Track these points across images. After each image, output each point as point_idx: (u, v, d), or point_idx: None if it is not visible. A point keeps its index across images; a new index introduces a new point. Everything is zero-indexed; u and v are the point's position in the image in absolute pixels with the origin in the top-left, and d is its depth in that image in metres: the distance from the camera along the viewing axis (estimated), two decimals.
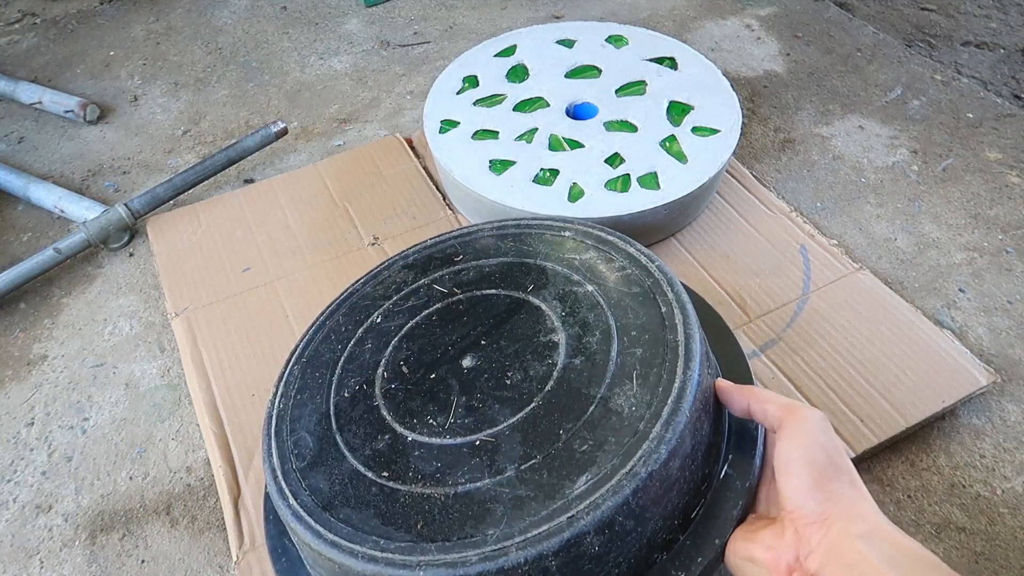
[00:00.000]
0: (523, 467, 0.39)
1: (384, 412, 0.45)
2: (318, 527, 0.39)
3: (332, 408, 0.45)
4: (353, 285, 0.53)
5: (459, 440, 0.42)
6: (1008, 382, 0.59)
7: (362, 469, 0.42)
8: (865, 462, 0.53)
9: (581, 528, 0.35)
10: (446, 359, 0.47)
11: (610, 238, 0.52)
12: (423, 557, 0.36)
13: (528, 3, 1.04)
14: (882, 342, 0.59)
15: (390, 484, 0.41)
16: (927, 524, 0.51)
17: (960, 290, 0.65)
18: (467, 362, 0.46)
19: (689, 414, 0.40)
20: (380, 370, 0.47)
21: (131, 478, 0.56)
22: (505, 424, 0.42)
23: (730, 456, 0.46)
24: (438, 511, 0.39)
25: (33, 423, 0.60)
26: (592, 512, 0.36)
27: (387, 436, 0.43)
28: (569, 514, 0.36)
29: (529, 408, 0.42)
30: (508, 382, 0.44)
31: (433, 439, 0.42)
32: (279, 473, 0.42)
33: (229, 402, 0.57)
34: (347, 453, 0.43)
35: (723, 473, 0.44)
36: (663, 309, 0.45)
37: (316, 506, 0.40)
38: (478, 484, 0.39)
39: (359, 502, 0.40)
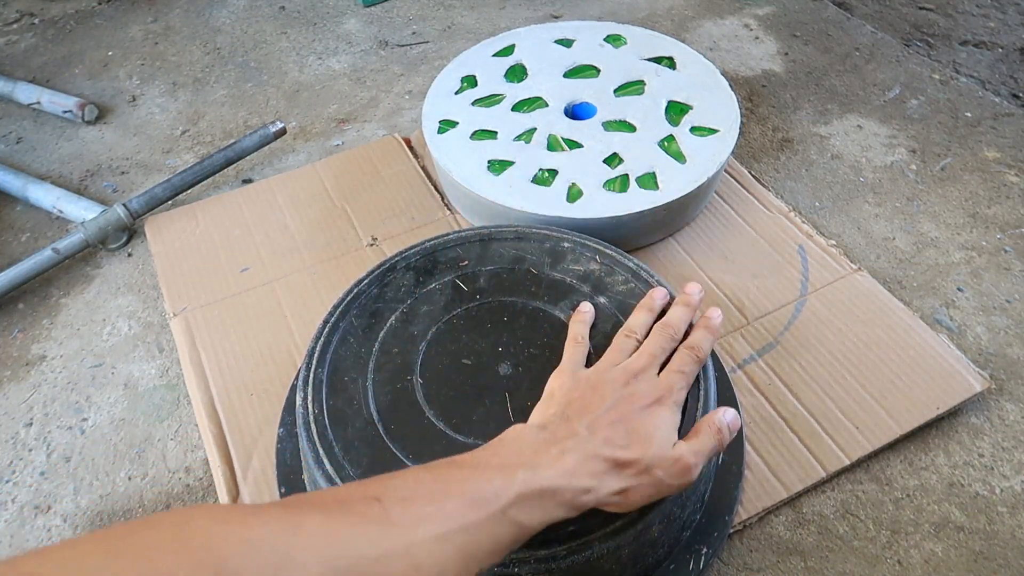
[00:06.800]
0: None
1: (434, 420, 0.45)
2: None
3: (376, 415, 0.45)
4: (357, 286, 0.53)
5: None
6: (1007, 381, 0.59)
7: None
8: (863, 462, 0.53)
9: (648, 520, 0.40)
10: (481, 367, 0.48)
11: (608, 251, 0.54)
12: (515, 555, 0.38)
13: (526, 2, 1.04)
14: (878, 346, 0.59)
15: None
16: (926, 523, 0.51)
17: (959, 289, 0.65)
18: (504, 370, 0.47)
19: None
20: (416, 377, 0.47)
21: (130, 478, 0.56)
22: None
23: None
24: None
25: (32, 423, 0.60)
26: (657, 506, 0.40)
27: (443, 442, 0.44)
28: None
29: None
30: None
31: None
32: (340, 482, 0.42)
33: (227, 402, 0.57)
34: (408, 462, 0.43)
35: (720, 459, 0.51)
36: None
37: None
38: None
39: None
